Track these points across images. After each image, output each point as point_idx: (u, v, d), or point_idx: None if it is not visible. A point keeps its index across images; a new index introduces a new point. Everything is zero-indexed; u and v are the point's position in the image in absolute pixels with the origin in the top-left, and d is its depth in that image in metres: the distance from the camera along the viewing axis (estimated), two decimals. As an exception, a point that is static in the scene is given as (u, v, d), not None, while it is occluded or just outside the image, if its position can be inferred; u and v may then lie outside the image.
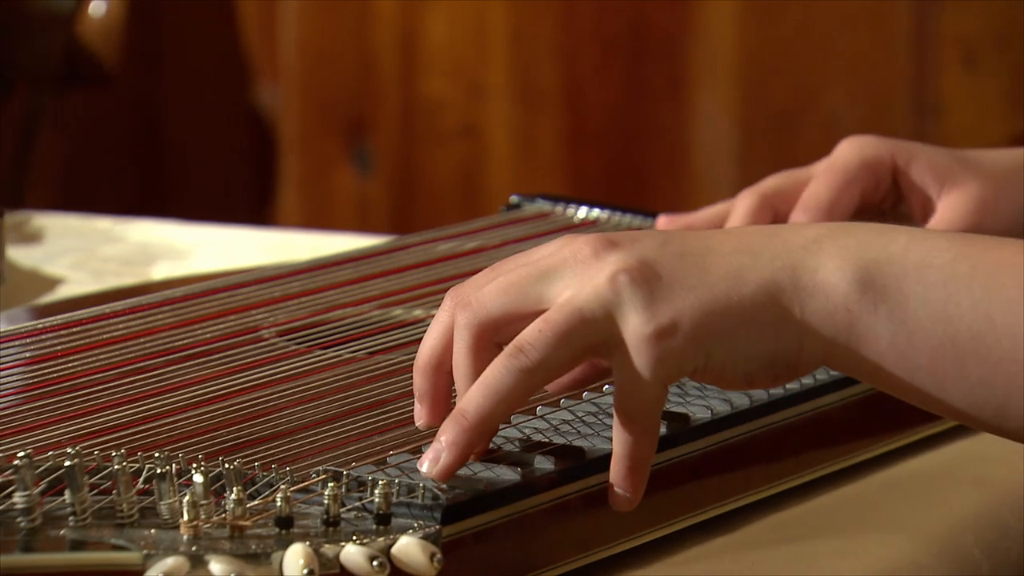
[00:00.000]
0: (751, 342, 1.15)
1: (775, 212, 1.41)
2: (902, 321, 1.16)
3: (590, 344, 1.13)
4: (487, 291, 1.15)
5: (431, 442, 1.14)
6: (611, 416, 1.18)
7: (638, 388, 1.14)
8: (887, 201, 1.40)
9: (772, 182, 1.40)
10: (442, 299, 1.33)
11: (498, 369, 1.13)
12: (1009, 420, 1.18)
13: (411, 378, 1.21)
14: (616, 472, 1.16)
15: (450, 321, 1.15)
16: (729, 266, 1.15)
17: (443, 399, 1.17)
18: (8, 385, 1.33)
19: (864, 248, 1.16)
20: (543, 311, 1.13)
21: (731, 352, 1.15)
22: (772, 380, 1.17)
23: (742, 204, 1.40)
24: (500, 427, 1.18)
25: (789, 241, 1.17)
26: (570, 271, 1.14)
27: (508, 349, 1.12)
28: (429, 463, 1.15)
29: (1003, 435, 1.19)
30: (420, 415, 1.18)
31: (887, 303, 1.15)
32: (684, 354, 1.14)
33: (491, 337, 1.15)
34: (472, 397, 1.14)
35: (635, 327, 1.12)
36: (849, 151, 1.40)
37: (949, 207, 1.39)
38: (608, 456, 1.18)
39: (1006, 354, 1.16)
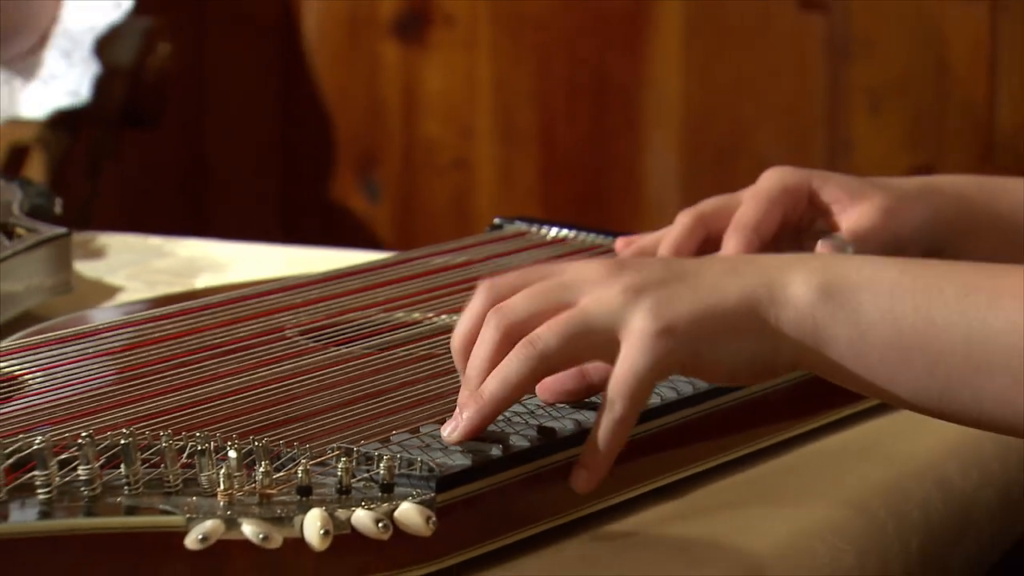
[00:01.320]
0: (734, 345, 1.16)
1: (708, 230, 1.40)
2: (857, 325, 1.16)
3: (592, 343, 1.15)
4: (516, 299, 1.16)
5: (437, 420, 1.19)
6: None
7: (634, 377, 1.15)
8: (804, 220, 1.39)
9: (706, 205, 1.39)
10: (436, 304, 1.45)
11: (512, 360, 1.15)
12: (950, 405, 1.18)
13: (410, 370, 1.28)
14: (589, 452, 1.17)
15: (481, 311, 1.17)
16: (717, 283, 1.16)
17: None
18: (76, 376, 1.32)
19: (826, 268, 1.17)
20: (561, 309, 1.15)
21: (717, 352, 1.16)
22: (752, 378, 1.20)
23: (680, 222, 1.40)
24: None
25: (765, 264, 1.18)
26: (588, 285, 1.16)
27: (522, 341, 1.14)
28: (450, 430, 1.17)
29: (945, 419, 1.19)
30: (463, 391, 1.19)
31: (845, 311, 1.16)
32: (678, 352, 1.15)
33: (515, 337, 1.16)
34: (489, 383, 1.15)
35: (641, 327, 1.13)
36: (771, 178, 1.39)
37: (859, 214, 1.38)
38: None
39: (945, 348, 1.16)
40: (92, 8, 2.06)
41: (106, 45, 2.10)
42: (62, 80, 2.05)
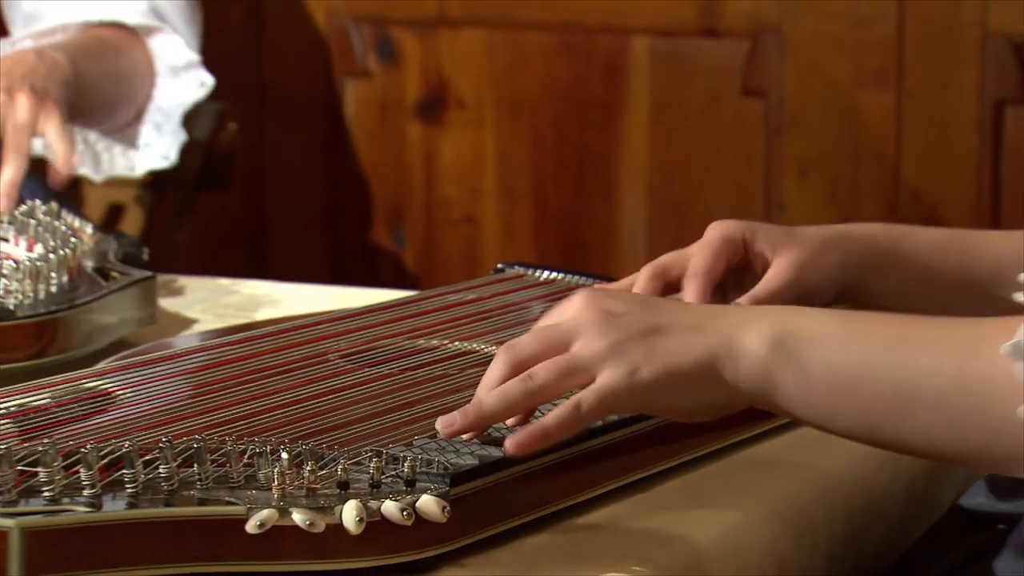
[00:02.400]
0: (691, 395, 1.15)
1: (666, 279, 1.38)
2: (801, 373, 1.14)
3: (577, 380, 1.14)
4: (524, 339, 1.16)
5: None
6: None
7: (602, 404, 1.14)
8: (743, 263, 1.37)
9: (663, 259, 1.38)
10: (450, 333, 1.43)
11: (512, 385, 1.14)
12: (878, 437, 1.16)
13: (429, 387, 1.27)
14: (537, 427, 1.15)
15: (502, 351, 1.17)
16: (684, 340, 1.15)
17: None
18: (158, 391, 1.31)
19: (775, 325, 1.15)
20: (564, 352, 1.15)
21: (676, 400, 1.16)
22: (708, 416, 1.18)
23: (643, 274, 1.38)
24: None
25: (727, 321, 1.16)
26: (582, 332, 1.15)
27: (523, 374, 1.14)
28: (443, 424, 1.16)
29: (875, 446, 1.19)
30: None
31: (792, 362, 1.14)
32: (643, 399, 1.15)
33: (520, 369, 1.16)
34: (490, 398, 1.15)
35: (617, 380, 1.13)
36: (714, 231, 1.38)
37: (777, 266, 1.36)
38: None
39: (874, 391, 1.14)
40: (180, 87, 2.04)
41: (187, 123, 2.08)
42: (154, 147, 2.03)
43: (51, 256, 1.54)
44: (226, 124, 2.34)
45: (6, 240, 1.62)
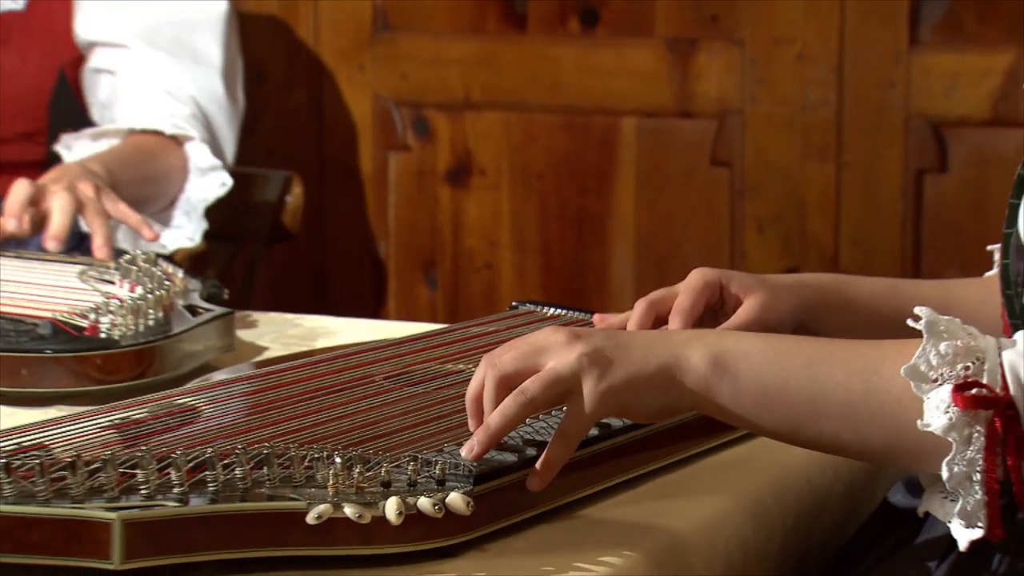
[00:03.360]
0: (652, 399, 1.15)
1: (657, 312, 1.37)
2: (734, 384, 1.14)
3: (561, 392, 1.13)
4: (506, 357, 1.15)
5: (468, 439, 1.15)
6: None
7: (581, 420, 1.14)
8: (719, 304, 1.36)
9: (654, 294, 1.37)
10: (473, 359, 1.37)
11: (508, 403, 1.13)
12: (799, 439, 1.16)
13: (459, 404, 1.23)
14: (542, 464, 1.16)
15: (483, 375, 1.16)
16: (641, 355, 1.14)
17: (480, 418, 1.15)
18: (235, 406, 1.30)
19: (714, 345, 1.15)
20: (537, 371, 1.13)
21: (640, 403, 1.15)
22: (664, 418, 1.20)
23: (638, 308, 1.37)
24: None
25: (674, 341, 1.16)
26: (554, 350, 1.14)
27: (515, 391, 1.13)
28: (466, 451, 1.14)
29: (798, 445, 1.18)
30: (471, 425, 1.17)
31: (727, 375, 1.14)
32: (612, 403, 1.14)
33: (506, 385, 1.14)
34: (494, 419, 1.14)
35: (591, 386, 1.12)
36: (696, 276, 1.37)
37: (746, 306, 1.35)
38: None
39: (794, 401, 1.13)
40: (206, 185, 2.06)
41: (256, 188, 2.10)
42: (183, 230, 2.05)
43: (149, 296, 1.54)
44: (292, 188, 2.35)
45: (112, 283, 1.63)
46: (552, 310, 1.61)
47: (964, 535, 1.09)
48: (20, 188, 1.76)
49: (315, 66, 2.64)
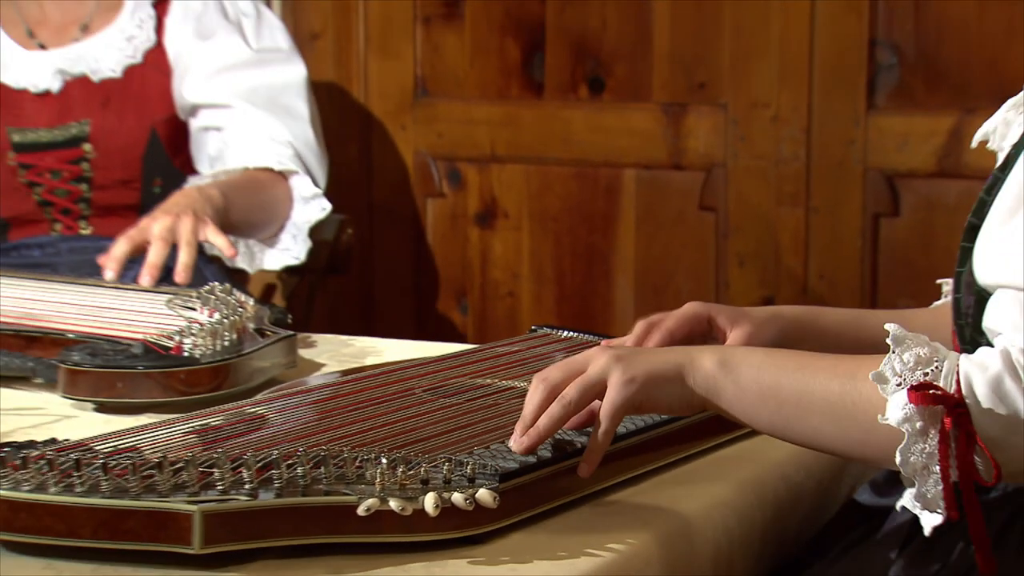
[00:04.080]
0: (668, 390, 1.15)
1: (650, 332, 1.36)
2: (737, 384, 1.15)
3: (594, 391, 1.15)
4: (554, 372, 1.16)
5: (496, 444, 1.17)
6: (579, 435, 1.19)
7: (612, 407, 1.14)
8: (706, 334, 1.35)
9: (652, 317, 1.37)
10: (499, 374, 1.42)
11: (553, 408, 1.15)
12: (790, 435, 1.16)
13: (487, 413, 1.26)
14: (587, 454, 1.16)
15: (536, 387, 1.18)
16: (660, 357, 1.17)
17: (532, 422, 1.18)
18: (297, 415, 1.30)
19: (721, 352, 1.16)
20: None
21: (659, 394, 1.16)
22: (680, 411, 1.19)
23: (638, 327, 1.36)
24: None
25: (688, 349, 1.18)
26: (591, 359, 1.16)
27: (557, 398, 1.15)
28: (516, 445, 1.16)
29: (789, 442, 1.18)
30: (520, 428, 1.18)
31: (730, 376, 1.14)
32: (637, 393, 1.14)
33: (553, 395, 1.16)
34: (541, 422, 1.15)
35: (618, 377, 1.13)
36: (689, 307, 1.37)
37: (733, 336, 1.34)
38: (573, 452, 1.19)
39: (786, 400, 1.13)
40: (309, 210, 2.06)
41: (317, 229, 2.10)
42: (290, 251, 2.05)
43: (225, 321, 1.54)
44: (346, 229, 2.35)
45: (194, 309, 1.62)
46: (566, 333, 1.60)
47: (928, 520, 1.08)
48: (122, 246, 1.76)
49: (365, 126, 2.64)
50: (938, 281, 1.42)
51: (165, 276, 1.77)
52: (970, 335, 1.16)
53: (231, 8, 2.12)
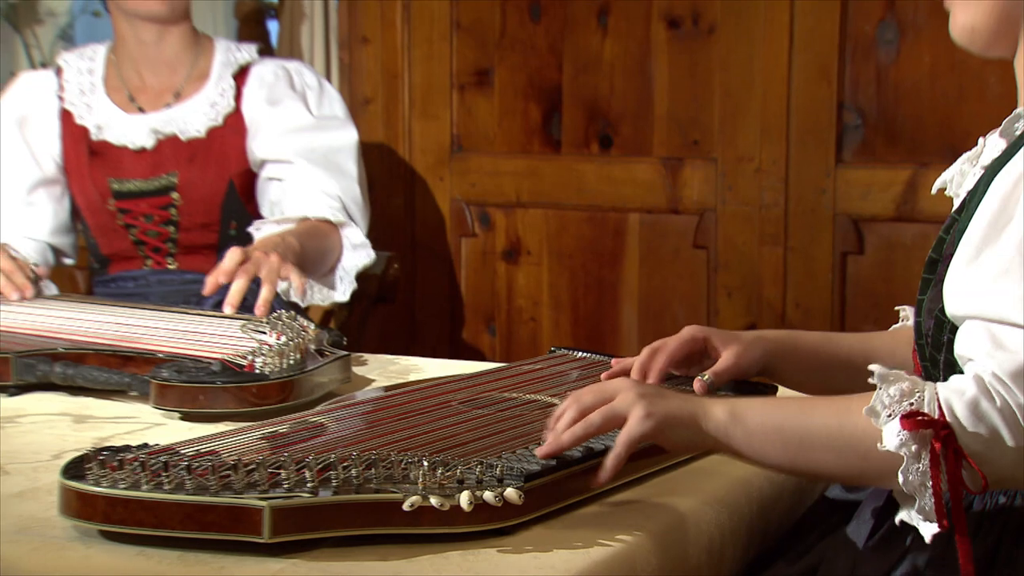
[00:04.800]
0: (680, 432, 1.13)
1: (654, 356, 1.35)
2: (746, 431, 1.13)
3: (618, 422, 1.13)
4: (587, 397, 1.14)
5: (521, 450, 1.15)
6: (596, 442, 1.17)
7: (630, 438, 1.13)
8: (703, 354, 1.34)
9: (655, 343, 1.36)
10: (523, 389, 1.39)
11: (578, 427, 1.13)
12: (796, 469, 1.14)
13: (510, 422, 1.24)
14: (607, 467, 1.14)
15: (568, 405, 1.16)
16: (677, 403, 1.14)
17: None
18: (351, 423, 1.28)
19: (731, 404, 1.13)
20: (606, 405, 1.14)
21: (672, 435, 1.14)
22: (689, 452, 1.21)
23: (644, 352, 1.36)
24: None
25: (703, 399, 1.16)
26: (619, 391, 1.14)
27: (585, 419, 1.13)
28: (542, 453, 1.15)
29: (798, 475, 1.18)
30: (547, 436, 1.16)
31: (740, 423, 1.13)
32: (652, 429, 1.12)
33: (583, 415, 1.14)
34: (566, 435, 1.13)
35: (638, 414, 1.12)
36: (686, 331, 1.36)
37: (725, 356, 1.33)
38: (594, 453, 1.17)
39: (790, 440, 1.12)
40: (356, 256, 2.06)
41: (367, 268, 2.11)
42: (338, 291, 2.07)
43: (290, 343, 1.54)
44: (392, 264, 2.35)
45: (264, 333, 1.62)
46: (580, 353, 1.59)
47: (927, 529, 1.07)
48: (231, 259, 1.75)
49: (409, 177, 2.64)
50: (897, 308, 1.41)
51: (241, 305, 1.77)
52: (929, 353, 1.15)
53: (298, 80, 2.13)
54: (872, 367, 1.08)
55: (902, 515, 1.09)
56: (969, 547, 1.06)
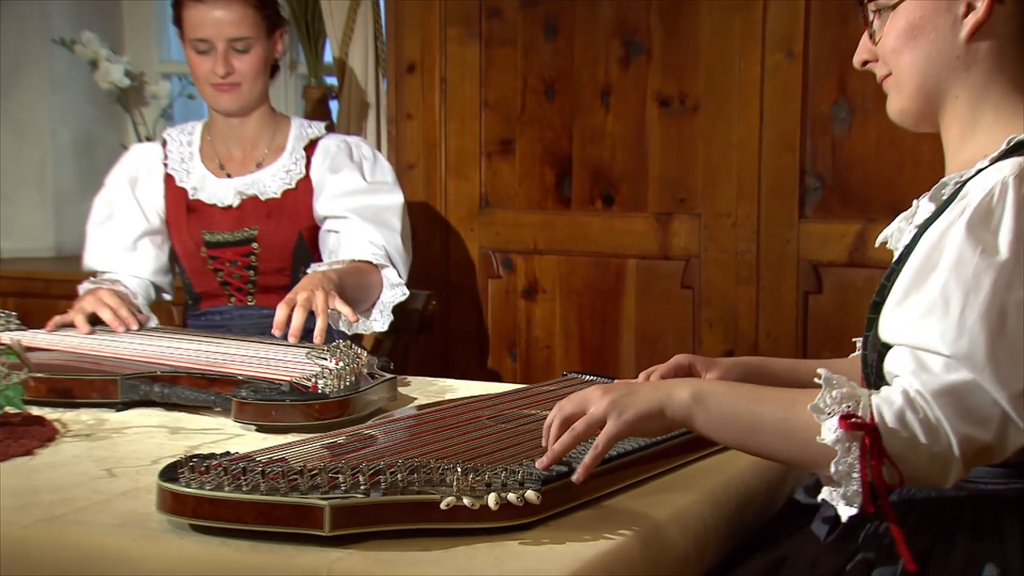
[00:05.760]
0: (652, 424, 1.11)
1: (650, 379, 1.34)
2: (706, 412, 1.11)
3: (598, 426, 1.11)
4: (567, 406, 1.12)
5: (538, 458, 1.13)
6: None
7: (608, 440, 1.11)
8: (688, 375, 1.33)
9: (649, 368, 1.35)
10: (541, 407, 1.38)
11: (566, 436, 1.11)
12: (749, 448, 1.12)
13: (529, 435, 1.24)
14: (583, 467, 1.13)
15: (554, 416, 1.14)
16: (645, 396, 1.11)
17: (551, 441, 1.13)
18: (396, 436, 1.27)
19: (693, 386, 1.11)
20: (584, 413, 1.12)
21: (644, 427, 1.11)
22: (664, 434, 1.17)
23: (641, 376, 1.35)
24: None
25: (669, 384, 1.13)
26: (593, 401, 1.11)
27: (571, 428, 1.11)
28: (541, 465, 1.12)
29: (750, 454, 1.13)
30: (544, 444, 1.14)
31: (701, 406, 1.10)
32: (627, 427, 1.10)
33: (568, 423, 1.12)
34: (559, 444, 1.11)
35: (613, 421, 1.09)
36: (676, 359, 1.35)
37: (707, 378, 1.31)
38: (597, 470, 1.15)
39: (744, 423, 1.09)
40: (394, 294, 2.07)
41: (410, 301, 2.11)
42: (378, 322, 2.06)
43: (347, 367, 1.54)
44: (431, 302, 2.35)
45: (325, 359, 1.62)
46: (588, 376, 1.59)
47: (845, 511, 1.07)
48: (282, 313, 1.75)
49: (444, 228, 2.64)
50: (853, 340, 1.40)
51: (304, 335, 1.77)
52: (874, 381, 1.15)
53: (356, 152, 2.14)
54: (820, 371, 1.07)
55: (824, 494, 1.08)
56: (902, 533, 1.05)
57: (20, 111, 2.90)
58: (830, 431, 1.05)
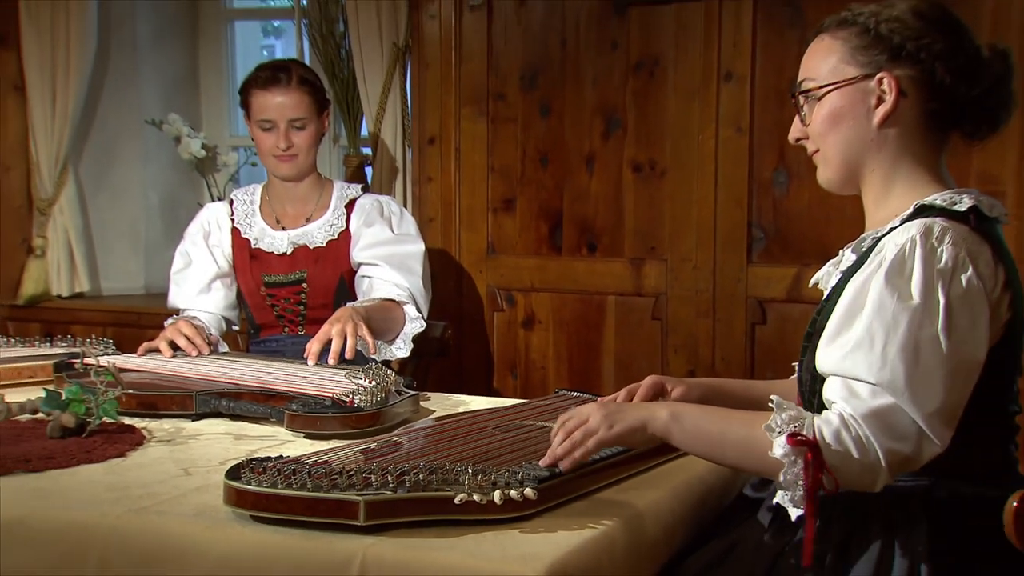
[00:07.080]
0: (636, 437, 1.10)
1: (630, 395, 1.33)
2: (682, 429, 1.10)
3: (592, 433, 1.11)
4: (571, 421, 1.12)
5: (536, 460, 1.13)
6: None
7: (598, 444, 1.11)
8: (661, 393, 1.32)
9: (630, 387, 1.34)
10: (539, 418, 1.37)
11: (568, 442, 1.11)
12: (716, 460, 1.11)
13: (529, 440, 1.23)
14: (575, 454, 1.12)
15: (559, 425, 1.13)
16: (631, 415, 1.11)
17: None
18: (418, 442, 1.26)
19: (673, 407, 1.10)
20: (582, 424, 1.12)
21: (630, 439, 1.11)
22: (645, 446, 1.16)
23: (622, 392, 1.34)
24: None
25: (652, 406, 1.12)
26: (590, 413, 1.11)
27: (571, 436, 1.11)
28: (543, 463, 1.12)
29: (718, 464, 1.13)
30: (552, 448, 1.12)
31: (678, 424, 1.10)
32: (616, 437, 1.10)
33: (568, 432, 1.12)
34: (560, 448, 1.11)
35: (603, 432, 1.09)
36: (649, 379, 1.35)
37: (675, 394, 1.31)
38: (584, 464, 1.15)
39: (714, 439, 1.09)
40: (414, 327, 2.07)
41: (429, 330, 2.11)
42: (400, 350, 2.06)
43: (378, 385, 1.54)
44: (447, 331, 2.34)
45: (361, 378, 1.62)
46: (576, 393, 1.59)
47: (794, 512, 1.07)
48: (316, 344, 1.75)
49: (458, 271, 2.65)
50: (792, 363, 1.40)
51: (342, 359, 1.77)
52: (807, 396, 1.16)
53: (386, 209, 2.17)
54: (772, 397, 1.09)
55: (778, 498, 1.08)
56: (814, 525, 1.06)
57: (118, 177, 3.02)
58: (780, 447, 1.06)
